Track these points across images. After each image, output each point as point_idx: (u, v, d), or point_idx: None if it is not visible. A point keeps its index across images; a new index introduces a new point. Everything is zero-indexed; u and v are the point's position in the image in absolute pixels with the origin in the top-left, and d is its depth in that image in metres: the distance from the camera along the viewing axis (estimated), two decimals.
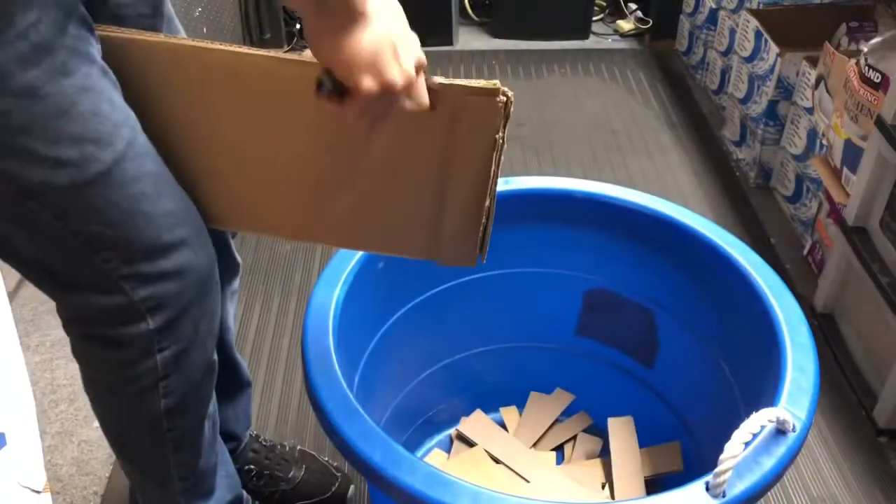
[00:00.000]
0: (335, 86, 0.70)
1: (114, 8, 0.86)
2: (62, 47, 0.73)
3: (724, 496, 0.78)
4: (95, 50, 0.78)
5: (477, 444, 1.33)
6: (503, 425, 1.39)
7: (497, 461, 1.31)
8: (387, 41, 0.68)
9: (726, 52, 2.32)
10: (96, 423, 1.47)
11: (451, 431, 1.37)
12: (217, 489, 1.08)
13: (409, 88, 0.71)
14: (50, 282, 0.87)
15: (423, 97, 0.73)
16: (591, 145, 2.28)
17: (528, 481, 1.28)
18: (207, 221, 0.90)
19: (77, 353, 0.93)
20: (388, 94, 0.70)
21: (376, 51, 0.68)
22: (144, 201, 0.81)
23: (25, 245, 0.83)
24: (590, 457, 1.35)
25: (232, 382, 1.20)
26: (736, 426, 0.79)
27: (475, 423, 1.37)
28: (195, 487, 1.04)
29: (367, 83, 0.69)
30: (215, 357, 0.97)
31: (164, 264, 0.84)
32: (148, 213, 0.81)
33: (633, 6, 2.94)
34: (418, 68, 0.71)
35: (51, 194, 0.77)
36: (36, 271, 0.87)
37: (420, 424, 1.34)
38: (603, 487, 1.29)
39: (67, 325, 0.91)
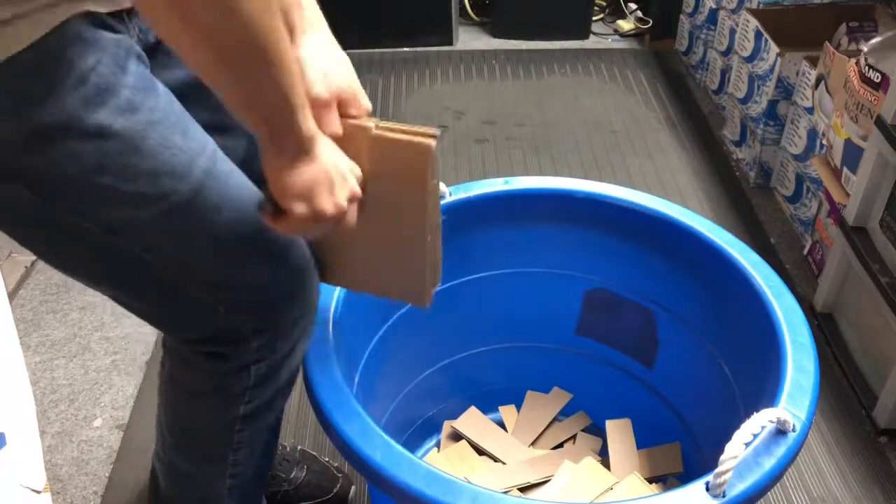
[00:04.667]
0: (275, 207, 0.78)
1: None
2: (124, 86, 0.74)
3: (724, 496, 0.78)
4: (159, 83, 0.79)
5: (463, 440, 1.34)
6: (502, 425, 1.39)
7: (496, 459, 1.31)
8: (324, 177, 0.76)
9: (726, 52, 2.32)
10: (96, 423, 1.47)
11: (444, 429, 1.37)
12: (263, 495, 1.10)
13: (339, 216, 0.79)
14: (152, 313, 0.90)
15: (352, 223, 0.82)
16: (591, 145, 2.28)
17: (504, 463, 1.28)
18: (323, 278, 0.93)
19: (172, 353, 0.95)
20: (319, 221, 0.78)
21: (315, 182, 0.75)
22: (231, 228, 0.82)
23: (124, 280, 0.84)
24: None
25: None
26: (736, 426, 0.79)
27: (469, 421, 1.37)
28: (243, 487, 1.05)
29: (299, 209, 0.76)
30: (300, 367, 0.98)
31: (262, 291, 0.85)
32: (235, 239, 0.82)
33: (633, 6, 2.94)
34: (351, 200, 0.79)
35: (135, 229, 0.78)
36: (137, 304, 0.89)
37: (420, 424, 1.34)
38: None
39: (177, 344, 0.93)
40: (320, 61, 0.79)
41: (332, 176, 0.76)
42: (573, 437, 1.38)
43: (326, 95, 0.78)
